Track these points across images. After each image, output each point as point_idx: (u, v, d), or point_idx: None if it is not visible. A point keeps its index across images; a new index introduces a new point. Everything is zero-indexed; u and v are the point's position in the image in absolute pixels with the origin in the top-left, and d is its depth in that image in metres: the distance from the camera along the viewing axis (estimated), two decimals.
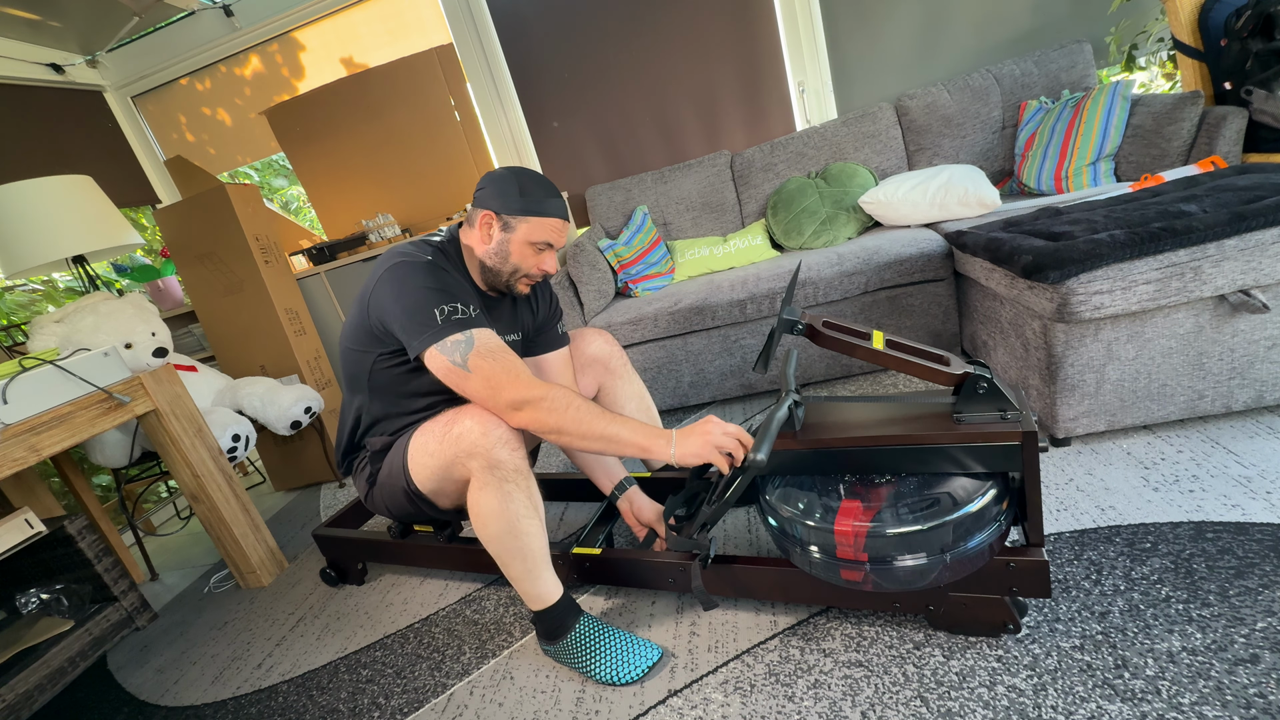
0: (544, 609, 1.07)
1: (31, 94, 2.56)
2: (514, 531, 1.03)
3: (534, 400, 0.98)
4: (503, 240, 1.11)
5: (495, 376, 0.99)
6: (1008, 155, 2.18)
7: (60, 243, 1.94)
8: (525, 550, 1.04)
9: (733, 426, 0.98)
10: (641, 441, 0.99)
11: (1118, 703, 0.77)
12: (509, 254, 1.12)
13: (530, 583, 1.07)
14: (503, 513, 1.02)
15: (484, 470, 1.01)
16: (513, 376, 0.99)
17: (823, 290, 1.78)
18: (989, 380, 0.84)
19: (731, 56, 2.46)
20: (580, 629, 1.07)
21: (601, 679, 1.03)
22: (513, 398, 0.98)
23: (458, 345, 0.99)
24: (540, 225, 1.10)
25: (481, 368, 0.99)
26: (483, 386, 0.99)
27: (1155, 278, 1.09)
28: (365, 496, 1.25)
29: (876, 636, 0.97)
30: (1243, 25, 1.60)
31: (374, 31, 2.65)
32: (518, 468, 1.02)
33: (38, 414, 1.30)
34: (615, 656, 1.04)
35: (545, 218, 1.10)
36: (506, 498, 1.02)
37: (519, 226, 1.09)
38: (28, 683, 1.32)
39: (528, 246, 1.11)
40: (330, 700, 1.18)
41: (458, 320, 1.01)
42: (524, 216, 1.09)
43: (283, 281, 2.29)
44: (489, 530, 1.04)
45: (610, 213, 2.51)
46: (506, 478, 1.01)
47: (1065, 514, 1.11)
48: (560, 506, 1.67)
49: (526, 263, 1.13)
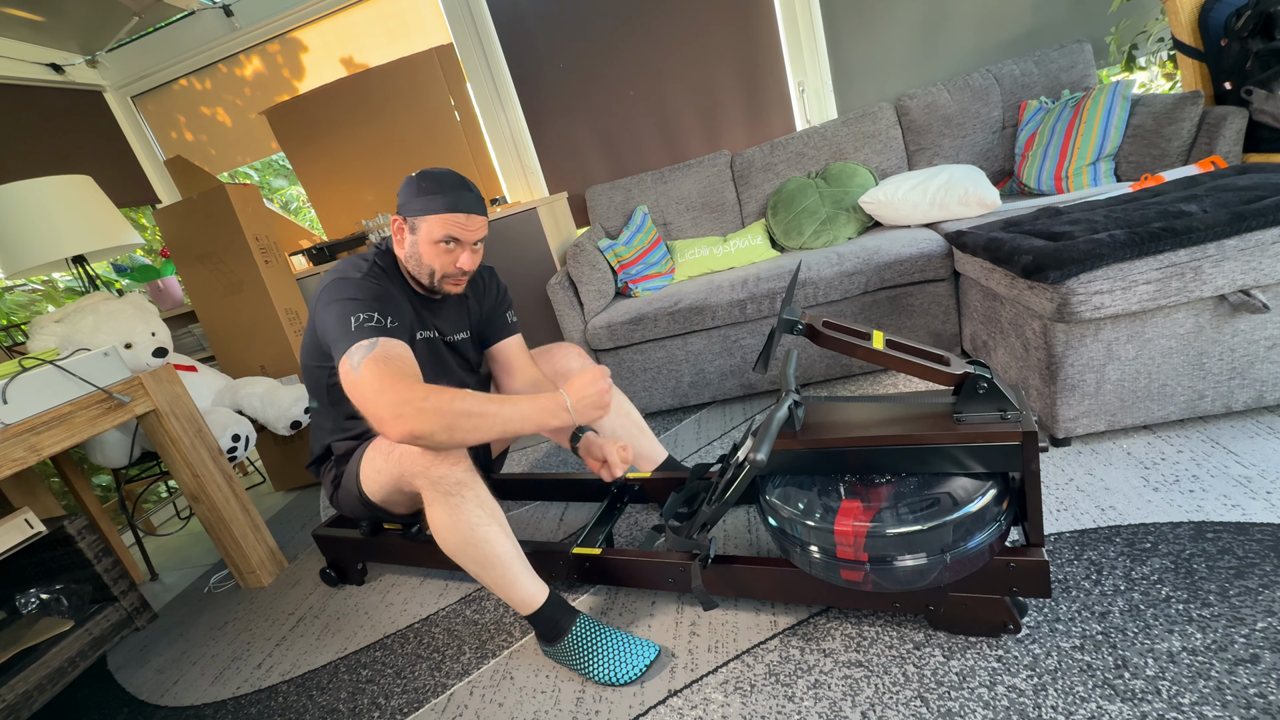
0: (533, 612, 1.08)
1: (31, 94, 2.56)
2: (472, 541, 1.04)
3: (414, 400, 0.91)
4: (412, 243, 1.13)
5: (382, 379, 0.93)
6: (1008, 155, 2.18)
7: (60, 243, 1.94)
8: (491, 558, 1.05)
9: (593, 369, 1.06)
10: (536, 417, 1.01)
11: (1118, 703, 0.77)
12: (420, 256, 1.13)
13: (509, 589, 1.07)
14: (455, 525, 1.03)
15: (429, 487, 1.02)
16: (397, 378, 0.93)
17: (823, 290, 1.78)
18: (989, 380, 0.84)
19: (731, 56, 2.46)
20: (577, 630, 1.07)
21: (600, 680, 1.03)
22: (393, 399, 0.91)
23: (359, 349, 0.97)
24: (437, 222, 1.09)
25: (371, 371, 0.94)
26: (368, 390, 0.93)
27: (1155, 278, 1.09)
28: (331, 498, 1.28)
29: (876, 636, 0.97)
30: (1243, 25, 1.60)
31: (374, 31, 2.65)
32: (459, 480, 1.02)
33: (38, 414, 1.30)
34: (613, 657, 1.04)
35: (439, 214, 1.09)
36: (455, 510, 1.02)
37: (420, 226, 1.11)
38: (28, 683, 1.32)
39: (433, 246, 1.11)
40: (330, 700, 1.17)
41: (370, 328, 1.00)
42: (421, 216, 1.10)
43: (283, 281, 2.29)
44: (448, 544, 1.05)
45: (610, 213, 2.51)
46: (450, 491, 1.01)
47: (1065, 514, 1.11)
48: (560, 506, 1.67)
49: (440, 262, 1.13)
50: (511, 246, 2.28)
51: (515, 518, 1.68)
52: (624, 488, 1.43)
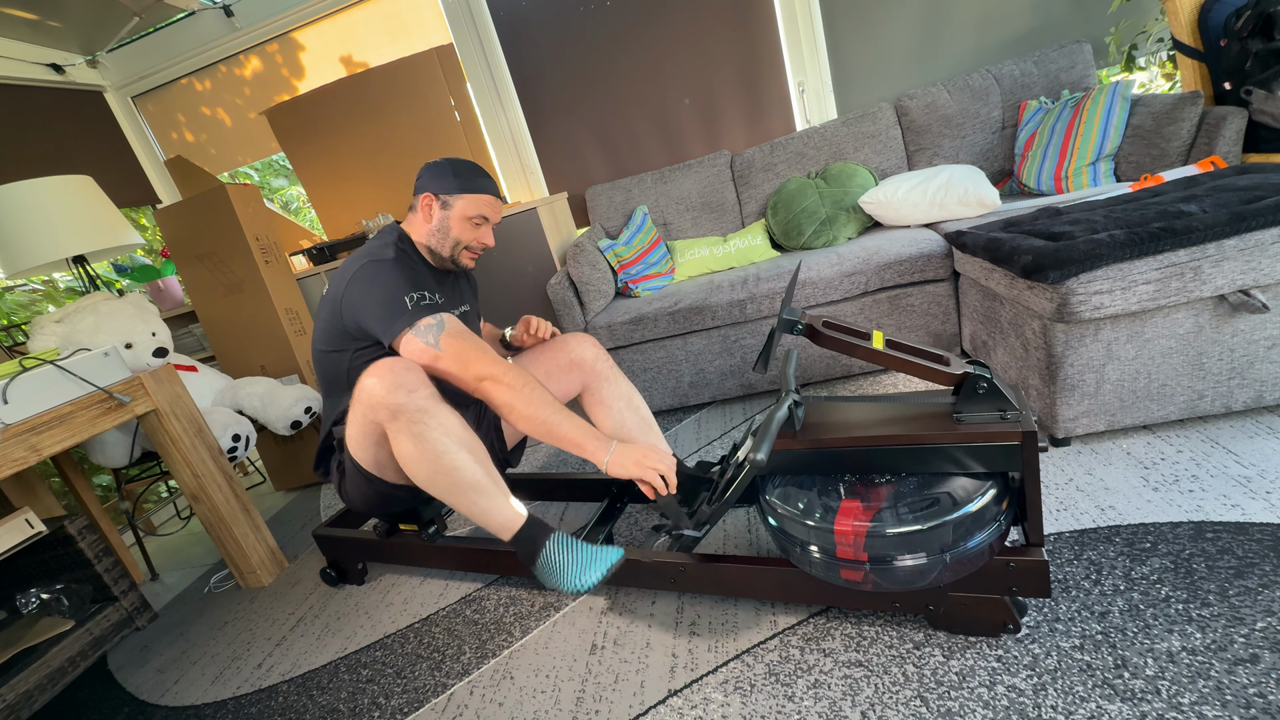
0: (514, 535, 1.10)
1: (31, 94, 2.56)
2: (441, 469, 1.06)
3: (495, 376, 1.08)
4: (443, 218, 1.24)
5: (465, 353, 1.09)
6: (1008, 155, 2.18)
7: (60, 243, 1.94)
8: (463, 484, 1.08)
9: (671, 461, 1.08)
10: (579, 439, 1.08)
11: (1117, 702, 0.77)
12: (449, 229, 1.25)
13: (486, 516, 1.10)
14: (421, 455, 1.06)
15: (391, 420, 1.05)
16: (479, 353, 1.10)
17: (823, 290, 1.78)
18: (989, 380, 0.84)
19: (731, 56, 2.46)
20: (550, 545, 1.09)
21: (569, 588, 1.05)
22: (479, 372, 1.09)
23: (430, 329, 1.10)
24: (474, 201, 1.24)
25: (452, 347, 1.09)
26: (454, 363, 1.09)
27: (1155, 278, 1.09)
28: (339, 489, 1.30)
29: (876, 636, 0.97)
30: (1242, 25, 1.60)
31: (374, 31, 2.65)
32: (420, 406, 1.05)
33: (38, 414, 1.30)
34: (579, 565, 1.07)
35: (478, 194, 1.24)
36: (419, 439, 1.05)
37: (455, 203, 1.23)
38: (28, 683, 1.32)
39: (465, 221, 1.24)
40: (330, 700, 1.18)
41: (426, 306, 1.12)
42: (459, 194, 1.23)
43: (283, 281, 2.29)
44: (419, 475, 1.08)
45: (610, 213, 2.51)
46: (414, 419, 1.05)
47: (1065, 514, 1.12)
48: (560, 506, 1.68)
49: (466, 236, 1.26)
50: (511, 246, 2.28)
51: None
52: (624, 487, 1.43)
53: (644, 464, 1.06)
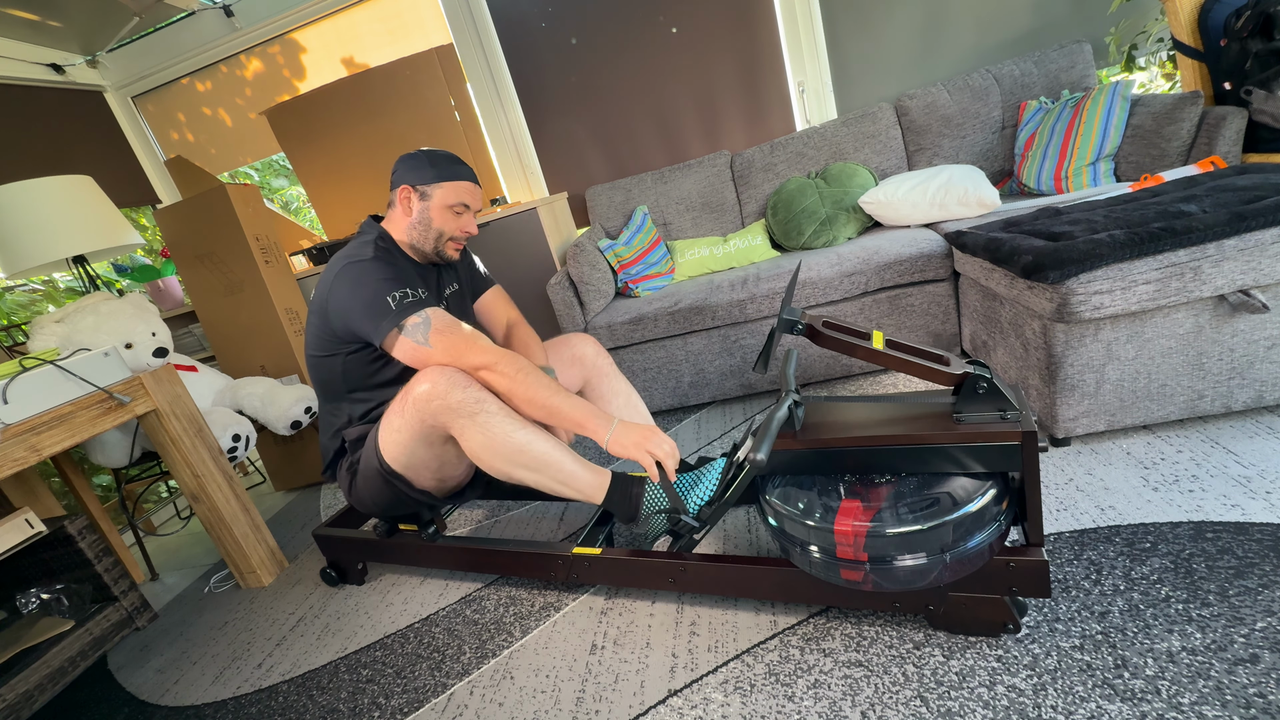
0: (605, 496, 1.12)
1: (31, 94, 2.56)
2: (514, 448, 1.08)
3: (490, 364, 1.09)
4: (423, 209, 1.23)
5: (456, 346, 1.10)
6: (1008, 155, 2.18)
7: (60, 243, 1.94)
8: (540, 461, 1.10)
9: (671, 445, 1.07)
10: (579, 418, 1.08)
11: (1117, 702, 0.77)
12: (430, 220, 1.24)
13: (571, 483, 1.12)
14: (491, 442, 1.08)
15: (453, 419, 1.07)
16: (470, 343, 1.11)
17: (822, 290, 1.78)
18: (989, 380, 0.84)
19: (731, 56, 2.46)
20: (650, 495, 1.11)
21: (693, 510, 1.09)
22: (474, 362, 1.10)
23: (417, 327, 1.10)
24: (453, 189, 1.23)
25: (442, 342, 1.10)
26: (447, 358, 1.10)
27: (1155, 278, 1.09)
28: (349, 490, 1.30)
29: (876, 636, 0.97)
30: (1242, 25, 1.60)
31: (374, 31, 2.65)
32: (477, 398, 1.08)
33: (38, 414, 1.30)
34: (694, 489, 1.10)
35: (456, 181, 1.23)
36: (485, 428, 1.07)
37: (434, 193, 1.22)
38: (28, 683, 1.32)
39: (446, 210, 1.23)
40: (330, 700, 1.18)
41: (410, 304, 1.11)
42: (437, 183, 1.22)
43: (283, 281, 2.29)
44: (496, 464, 1.10)
45: (610, 213, 2.51)
46: (474, 412, 1.07)
47: (1065, 514, 1.12)
48: (560, 506, 1.67)
49: (448, 225, 1.25)
50: (511, 246, 2.28)
51: (515, 518, 1.68)
52: None
53: (644, 445, 1.06)
